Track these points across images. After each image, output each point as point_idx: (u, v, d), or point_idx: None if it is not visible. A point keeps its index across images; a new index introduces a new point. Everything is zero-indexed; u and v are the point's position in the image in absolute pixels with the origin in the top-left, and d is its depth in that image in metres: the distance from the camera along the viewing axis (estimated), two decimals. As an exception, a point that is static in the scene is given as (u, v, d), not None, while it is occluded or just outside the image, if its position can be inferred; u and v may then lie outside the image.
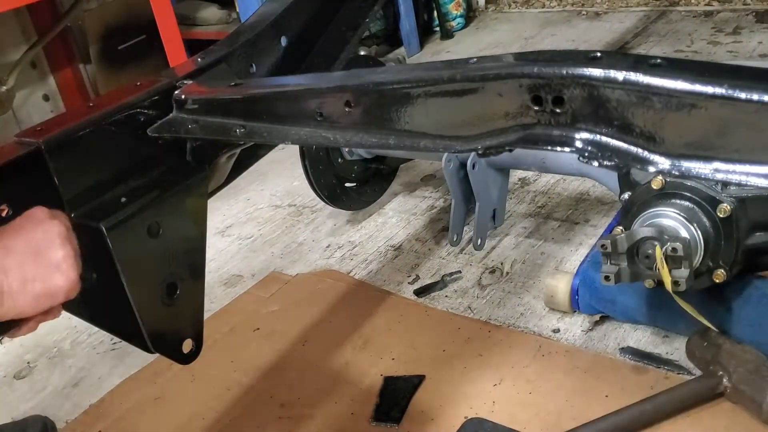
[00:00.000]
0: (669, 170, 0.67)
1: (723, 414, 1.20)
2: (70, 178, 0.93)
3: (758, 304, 1.25)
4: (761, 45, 2.69)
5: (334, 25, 1.42)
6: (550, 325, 1.51)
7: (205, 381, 1.55)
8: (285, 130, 0.95)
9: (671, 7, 3.31)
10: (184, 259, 1.03)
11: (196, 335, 1.06)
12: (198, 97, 1.03)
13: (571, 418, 1.25)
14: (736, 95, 0.60)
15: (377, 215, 2.11)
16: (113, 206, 0.95)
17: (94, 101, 1.03)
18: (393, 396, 1.40)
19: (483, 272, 1.74)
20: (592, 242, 1.72)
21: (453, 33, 3.64)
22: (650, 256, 1.14)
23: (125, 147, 1.01)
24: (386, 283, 1.78)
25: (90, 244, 0.93)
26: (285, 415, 1.42)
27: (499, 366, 1.42)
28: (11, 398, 1.65)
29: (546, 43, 3.24)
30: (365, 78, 0.89)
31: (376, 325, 1.62)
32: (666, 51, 2.83)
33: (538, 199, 2.00)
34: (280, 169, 2.47)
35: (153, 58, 2.78)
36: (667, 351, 1.37)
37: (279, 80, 1.07)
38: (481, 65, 0.75)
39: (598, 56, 0.68)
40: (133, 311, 0.96)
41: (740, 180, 0.64)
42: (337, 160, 1.92)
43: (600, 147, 0.70)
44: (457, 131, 0.81)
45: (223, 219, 2.28)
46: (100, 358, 1.73)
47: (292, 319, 1.70)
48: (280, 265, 1.96)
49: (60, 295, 0.78)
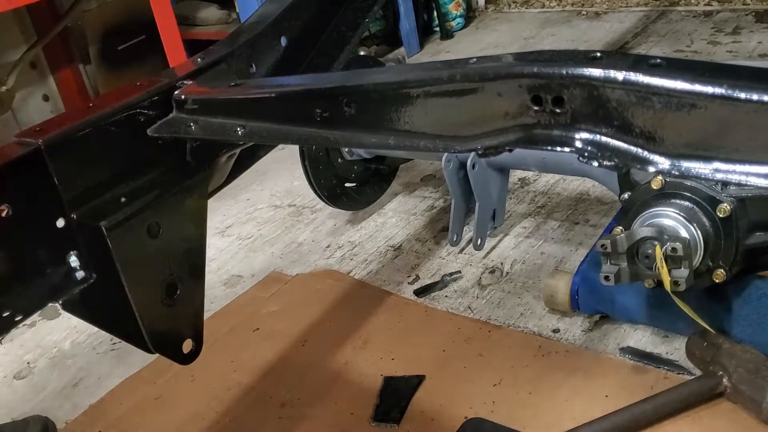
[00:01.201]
0: (669, 170, 0.67)
1: (723, 414, 1.20)
2: (70, 178, 0.93)
3: (758, 304, 1.25)
4: (761, 45, 2.69)
5: (334, 25, 1.42)
6: (550, 325, 1.51)
7: (205, 381, 1.55)
8: (285, 130, 0.95)
9: (671, 7, 3.31)
10: (184, 259, 1.03)
11: (196, 335, 1.06)
12: (198, 98, 1.03)
13: (571, 418, 1.26)
14: (735, 95, 0.60)
15: (377, 215, 2.11)
16: (113, 206, 0.95)
17: (94, 101, 1.03)
18: (393, 396, 1.40)
19: (483, 272, 1.74)
20: (591, 242, 1.72)
21: (453, 33, 3.64)
22: (650, 256, 1.14)
23: (125, 147, 1.01)
24: (386, 283, 1.78)
25: (90, 244, 0.93)
26: (285, 415, 1.42)
27: (498, 366, 1.42)
28: (11, 398, 1.65)
29: (546, 43, 3.24)
30: (365, 78, 0.89)
31: (376, 325, 1.62)
32: (666, 51, 2.83)
33: (537, 199, 2.00)
34: (280, 169, 2.47)
35: (153, 58, 2.78)
36: (667, 351, 1.37)
37: (279, 80, 1.07)
38: (480, 65, 0.75)
39: (598, 56, 0.68)
40: (133, 311, 0.96)
41: (740, 180, 0.64)
42: (337, 160, 1.92)
43: (600, 147, 0.70)
44: (457, 131, 0.81)
45: (223, 219, 2.28)
46: (100, 359, 1.73)
47: (292, 320, 1.70)
48: (280, 266, 1.96)
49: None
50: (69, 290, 0.93)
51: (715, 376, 1.20)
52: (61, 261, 0.92)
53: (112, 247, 0.91)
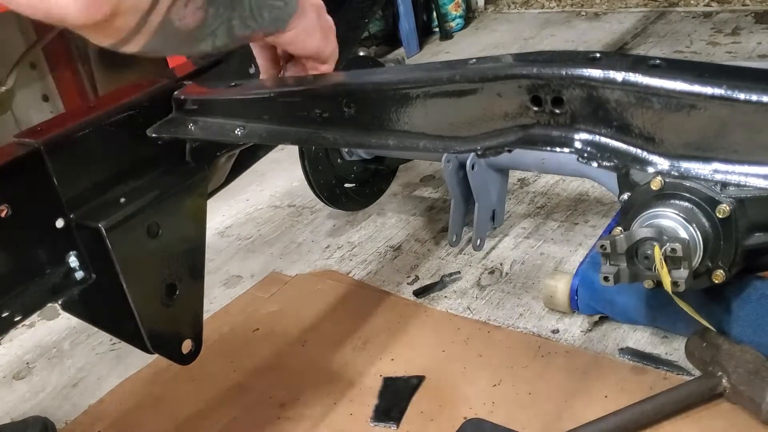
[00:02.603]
0: (668, 171, 0.67)
1: (722, 414, 1.20)
2: (70, 178, 0.93)
3: (758, 305, 1.25)
4: (760, 45, 2.70)
5: (334, 25, 1.41)
6: (550, 326, 1.51)
7: (205, 381, 1.55)
8: (284, 130, 0.95)
9: (670, 7, 3.31)
10: (183, 260, 1.03)
11: (195, 336, 1.06)
12: (197, 98, 1.03)
13: (571, 418, 1.26)
14: (735, 96, 0.60)
15: (376, 216, 2.11)
16: (112, 206, 0.95)
17: (94, 102, 1.03)
18: (392, 396, 1.40)
19: (482, 273, 1.74)
20: (591, 243, 1.72)
21: (452, 34, 3.64)
22: (649, 256, 1.14)
23: (125, 148, 1.01)
24: (385, 283, 1.78)
25: (89, 245, 0.93)
26: (284, 415, 1.42)
27: (498, 366, 1.42)
28: (10, 399, 1.65)
29: (545, 43, 3.25)
30: (365, 78, 0.89)
31: (375, 326, 1.62)
32: (665, 52, 2.83)
33: (537, 200, 2.00)
34: (280, 169, 2.47)
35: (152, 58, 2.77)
36: (666, 351, 1.37)
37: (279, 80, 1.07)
38: (480, 66, 0.75)
39: (598, 57, 0.68)
40: (133, 312, 0.96)
41: (739, 180, 0.64)
42: (337, 160, 1.92)
43: (599, 147, 0.70)
44: (457, 132, 0.81)
45: (222, 219, 2.28)
46: (100, 359, 1.73)
47: (292, 320, 1.70)
48: (279, 266, 1.96)
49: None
50: (68, 290, 0.93)
51: (714, 376, 1.20)
52: (60, 261, 0.92)
53: (111, 247, 0.91)
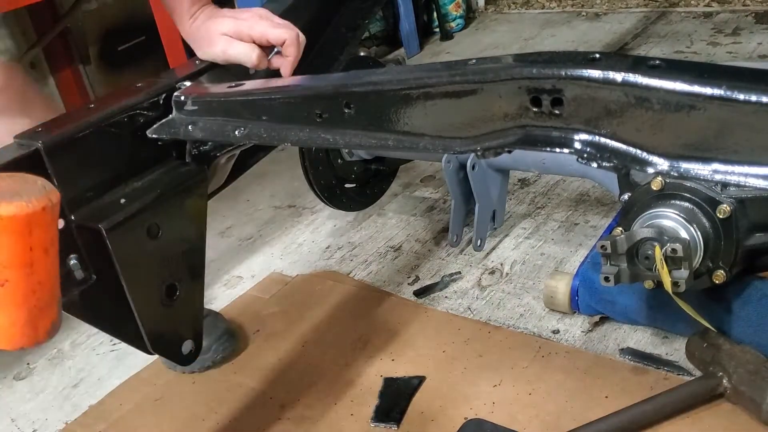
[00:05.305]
0: (668, 171, 0.67)
1: (723, 415, 1.20)
2: (70, 179, 0.93)
3: (758, 305, 1.25)
4: (761, 46, 2.69)
5: (334, 25, 1.42)
6: (550, 326, 1.51)
7: (205, 382, 1.55)
8: (285, 130, 0.95)
9: (671, 8, 3.31)
10: (183, 260, 1.03)
11: (195, 336, 1.07)
12: (197, 98, 1.03)
13: (571, 418, 1.26)
14: (734, 96, 0.60)
15: (377, 216, 2.11)
16: (113, 207, 0.95)
17: (94, 102, 1.03)
18: (393, 397, 1.40)
19: (483, 273, 1.74)
20: (591, 243, 1.72)
21: (453, 34, 3.64)
22: (650, 257, 1.14)
23: (125, 148, 1.01)
24: (386, 284, 1.78)
25: (90, 245, 0.93)
26: (285, 416, 1.42)
27: (498, 367, 1.42)
28: (10, 399, 1.65)
29: (546, 44, 3.24)
30: (365, 79, 0.89)
31: (376, 326, 1.62)
32: (665, 52, 2.83)
33: (537, 200, 2.00)
34: (280, 169, 2.47)
35: (153, 59, 2.78)
36: (666, 352, 1.37)
37: (278, 81, 1.07)
38: (480, 66, 0.75)
39: (597, 57, 0.68)
40: (133, 312, 0.96)
41: (739, 181, 0.64)
42: (337, 160, 1.92)
43: (599, 148, 0.70)
44: (457, 132, 0.81)
45: (222, 220, 2.28)
46: (100, 360, 1.73)
47: (292, 321, 1.70)
48: (279, 266, 1.96)
49: None
50: (69, 291, 0.93)
51: (714, 377, 1.20)
52: (60, 262, 0.92)
53: (111, 248, 0.92)
